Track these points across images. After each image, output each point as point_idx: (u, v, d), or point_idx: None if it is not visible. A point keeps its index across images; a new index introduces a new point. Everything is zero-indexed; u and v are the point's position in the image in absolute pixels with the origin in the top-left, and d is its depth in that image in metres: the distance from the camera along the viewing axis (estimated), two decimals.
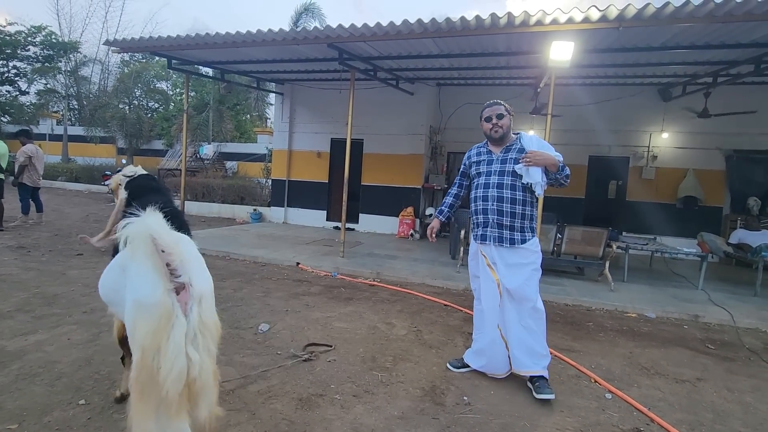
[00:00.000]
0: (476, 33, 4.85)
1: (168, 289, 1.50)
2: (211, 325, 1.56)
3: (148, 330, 1.47)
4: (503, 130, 2.72)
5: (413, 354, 3.16)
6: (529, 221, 2.71)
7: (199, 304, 1.54)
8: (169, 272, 1.52)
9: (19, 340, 2.95)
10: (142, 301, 1.50)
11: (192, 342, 1.49)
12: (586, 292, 5.15)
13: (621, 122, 8.86)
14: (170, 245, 1.51)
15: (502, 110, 2.72)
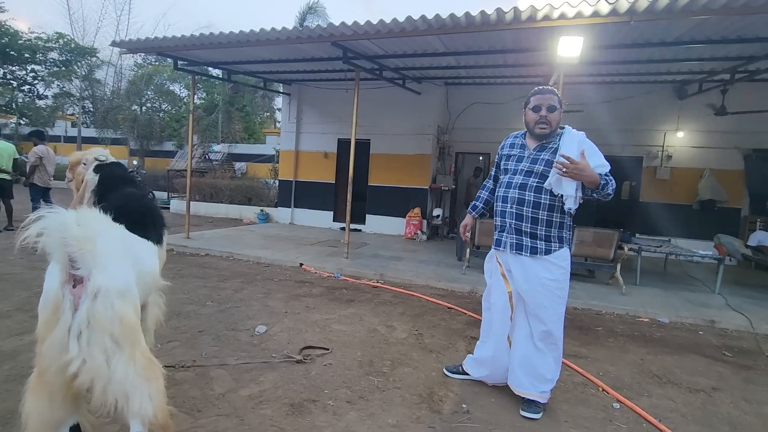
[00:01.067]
0: (482, 29, 4.73)
1: (63, 281, 1.52)
2: (107, 320, 1.51)
3: (41, 319, 1.53)
4: (551, 127, 2.30)
5: (412, 358, 3.05)
6: (558, 229, 2.32)
7: (93, 299, 1.52)
8: (70, 264, 1.51)
9: (15, 340, 2.93)
10: (44, 290, 1.54)
11: (77, 338, 1.49)
12: (597, 296, 4.98)
13: (634, 121, 8.63)
14: (76, 238, 1.48)
15: (555, 101, 2.29)
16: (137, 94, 16.20)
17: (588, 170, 2.12)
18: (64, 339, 1.46)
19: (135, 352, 1.56)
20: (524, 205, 2.34)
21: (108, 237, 1.62)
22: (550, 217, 2.32)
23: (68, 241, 1.46)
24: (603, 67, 6.98)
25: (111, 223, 1.73)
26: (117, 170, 2.48)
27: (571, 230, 2.42)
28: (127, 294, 1.59)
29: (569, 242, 2.39)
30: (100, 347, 1.48)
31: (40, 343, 1.51)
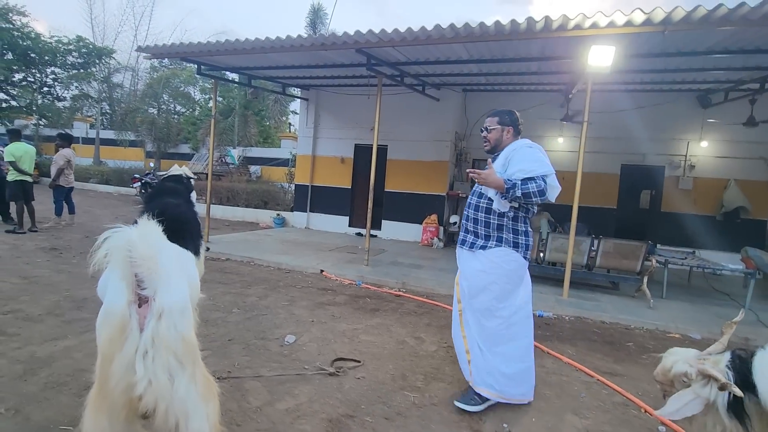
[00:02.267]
0: (510, 38, 4.69)
1: (130, 300, 1.50)
2: (171, 340, 1.50)
3: (106, 337, 1.51)
4: (490, 144, 2.69)
5: (445, 373, 3.00)
6: (497, 230, 2.54)
7: (158, 319, 1.51)
8: (137, 284, 1.50)
9: (49, 346, 2.94)
10: (106, 308, 1.52)
11: (143, 358, 1.47)
12: (624, 309, 4.88)
13: (656, 130, 8.51)
14: (143, 257, 1.47)
15: (492, 123, 2.67)
16: (154, 96, 16.41)
17: (490, 178, 2.41)
18: (131, 359, 1.45)
19: (196, 371, 1.54)
20: (470, 209, 2.68)
21: (167, 253, 1.60)
22: (487, 219, 2.57)
23: (136, 261, 1.45)
24: (628, 76, 6.89)
25: (164, 237, 1.72)
26: (165, 182, 2.49)
27: (516, 233, 2.56)
28: (186, 311, 1.58)
29: (513, 244, 2.54)
30: (164, 367, 1.46)
31: (105, 362, 1.48)
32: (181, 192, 2.54)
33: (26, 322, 3.31)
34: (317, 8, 14.41)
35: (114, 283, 1.51)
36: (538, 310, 4.73)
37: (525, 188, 2.36)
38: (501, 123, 2.64)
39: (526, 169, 2.40)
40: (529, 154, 2.48)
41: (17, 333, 3.10)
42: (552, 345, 3.70)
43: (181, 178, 3.00)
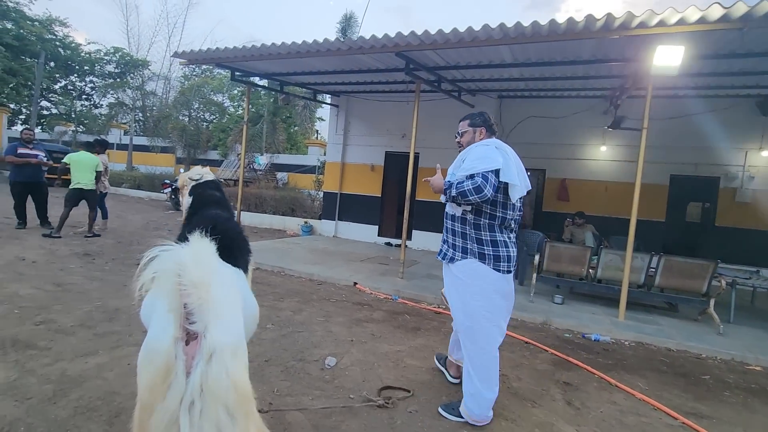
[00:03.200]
0: (563, 38, 4.36)
1: (177, 336, 1.24)
2: (222, 389, 1.22)
3: (146, 383, 1.25)
4: (464, 147, 2.58)
5: (506, 408, 2.67)
6: (462, 239, 2.47)
7: (208, 361, 1.23)
8: (185, 316, 1.24)
9: (80, 362, 2.76)
10: (149, 345, 1.28)
11: (188, 410, 1.19)
12: (690, 335, 4.41)
13: (710, 138, 7.91)
14: (194, 283, 1.22)
15: (463, 127, 2.64)
16: (186, 104, 16.71)
17: (435, 182, 2.39)
18: (175, 411, 1.18)
19: (249, 426, 1.27)
20: (447, 218, 2.62)
21: (222, 279, 1.36)
22: (454, 227, 2.52)
23: (186, 288, 1.21)
24: (684, 79, 6.39)
25: (218, 258, 1.48)
26: (209, 190, 2.28)
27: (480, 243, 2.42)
28: (239, 351, 1.31)
29: (478, 255, 2.41)
30: (212, 422, 1.19)
31: (143, 412, 1.23)
32: (225, 201, 2.33)
33: (58, 335, 3.17)
34: (349, 16, 14.41)
35: (159, 315, 1.26)
36: (593, 333, 4.33)
37: (460, 186, 2.26)
38: (472, 125, 2.60)
39: (468, 167, 2.33)
40: (478, 152, 2.36)
41: (48, 347, 2.95)
42: (618, 376, 3.31)
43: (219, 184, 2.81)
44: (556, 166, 9.33)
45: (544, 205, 9.49)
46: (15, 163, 6.96)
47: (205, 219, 1.94)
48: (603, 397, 2.94)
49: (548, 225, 8.55)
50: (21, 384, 2.43)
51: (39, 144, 7.46)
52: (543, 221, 9.30)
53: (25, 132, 7.31)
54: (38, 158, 7.04)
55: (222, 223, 1.90)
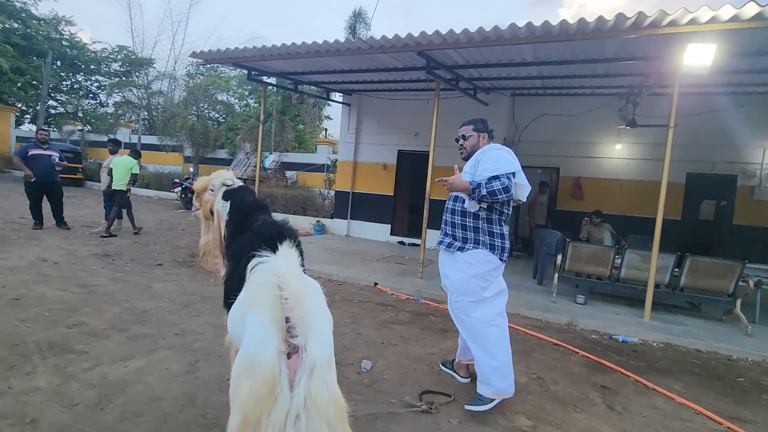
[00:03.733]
0: (591, 36, 4.31)
1: (280, 350, 1.23)
2: (324, 403, 1.23)
3: (251, 395, 1.23)
4: (467, 151, 2.78)
5: (548, 412, 2.64)
6: (473, 233, 2.66)
7: (310, 375, 1.24)
8: (287, 329, 1.24)
9: (119, 367, 2.76)
10: (251, 357, 1.26)
11: (294, 424, 1.19)
12: (719, 336, 4.37)
13: (727, 136, 7.84)
14: (296, 296, 1.21)
15: (468, 131, 2.78)
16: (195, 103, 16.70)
17: (457, 182, 2.53)
18: (282, 424, 1.18)
19: None
20: (448, 212, 2.81)
21: (312, 290, 1.35)
22: (463, 222, 2.69)
23: (290, 301, 1.20)
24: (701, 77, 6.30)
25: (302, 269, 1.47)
26: (248, 195, 2.25)
27: (492, 235, 2.65)
28: (333, 364, 1.32)
29: (489, 246, 2.64)
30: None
31: (247, 424, 1.20)
32: (266, 205, 2.30)
33: (92, 338, 3.17)
34: (358, 12, 14.31)
35: (260, 327, 1.25)
36: (620, 334, 4.30)
37: (489, 186, 2.45)
38: (477, 130, 2.77)
39: (491, 168, 2.49)
40: (496, 155, 2.56)
41: (85, 350, 2.94)
42: (653, 379, 3.28)
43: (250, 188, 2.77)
44: (570, 165, 9.27)
45: (559, 204, 9.45)
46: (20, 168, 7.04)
47: (269, 227, 1.92)
48: (643, 401, 2.91)
49: (563, 224, 8.49)
50: (65, 389, 2.43)
51: (52, 144, 7.46)
52: (557, 220, 9.26)
53: (40, 132, 7.32)
54: (52, 159, 7.05)
55: (288, 230, 1.88)
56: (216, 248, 2.28)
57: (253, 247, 1.87)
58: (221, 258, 2.31)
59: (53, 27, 22.10)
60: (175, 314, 3.85)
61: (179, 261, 6.11)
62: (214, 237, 2.27)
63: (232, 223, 2.14)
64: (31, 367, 2.64)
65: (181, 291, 4.58)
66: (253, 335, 1.26)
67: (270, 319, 1.22)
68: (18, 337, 3.05)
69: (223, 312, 1.96)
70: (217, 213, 2.23)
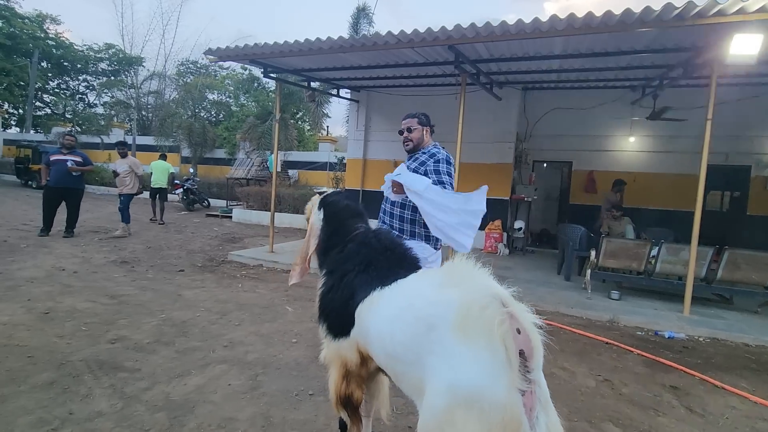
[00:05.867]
0: (632, 28, 4.20)
1: (517, 387, 1.09)
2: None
3: None
4: (413, 143, 2.78)
5: (631, 417, 2.56)
6: (409, 224, 2.68)
7: (545, 411, 1.12)
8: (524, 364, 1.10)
9: (178, 385, 2.59)
10: (480, 394, 1.10)
11: None
12: (761, 329, 4.35)
13: (741, 127, 7.86)
14: (529, 328, 1.10)
15: (413, 124, 2.76)
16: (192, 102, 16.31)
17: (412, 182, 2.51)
18: None
19: None
20: (387, 203, 2.79)
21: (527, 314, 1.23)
22: (402, 214, 2.69)
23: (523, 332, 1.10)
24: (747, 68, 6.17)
25: None
26: (342, 201, 2.11)
27: (425, 226, 2.63)
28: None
29: (424, 237, 2.67)
30: None
31: None
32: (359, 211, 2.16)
33: (139, 353, 2.99)
34: (362, 8, 14.06)
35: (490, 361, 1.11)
36: (666, 330, 4.25)
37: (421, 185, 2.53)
38: (421, 124, 2.77)
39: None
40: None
41: (137, 368, 2.77)
42: (718, 377, 3.22)
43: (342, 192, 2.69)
44: (582, 158, 9.24)
45: (572, 198, 9.42)
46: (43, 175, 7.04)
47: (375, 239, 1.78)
48: (719, 401, 2.85)
49: (575, 218, 8.46)
50: (131, 413, 2.26)
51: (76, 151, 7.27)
52: (570, 214, 9.23)
53: (66, 138, 7.27)
54: (68, 164, 6.80)
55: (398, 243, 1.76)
56: (299, 257, 2.15)
57: (362, 261, 1.75)
58: (301, 268, 2.18)
59: (38, 25, 21.42)
60: (216, 324, 3.69)
61: (200, 266, 5.91)
62: (302, 248, 2.14)
63: (325, 231, 2.00)
64: (86, 389, 2.47)
65: (213, 299, 4.40)
66: (475, 368, 1.13)
67: (502, 352, 1.09)
68: (62, 355, 2.86)
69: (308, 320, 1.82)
70: (311, 227, 2.09)
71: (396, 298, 1.52)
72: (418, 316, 1.34)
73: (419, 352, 1.28)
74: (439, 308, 1.28)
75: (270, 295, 4.68)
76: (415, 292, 1.48)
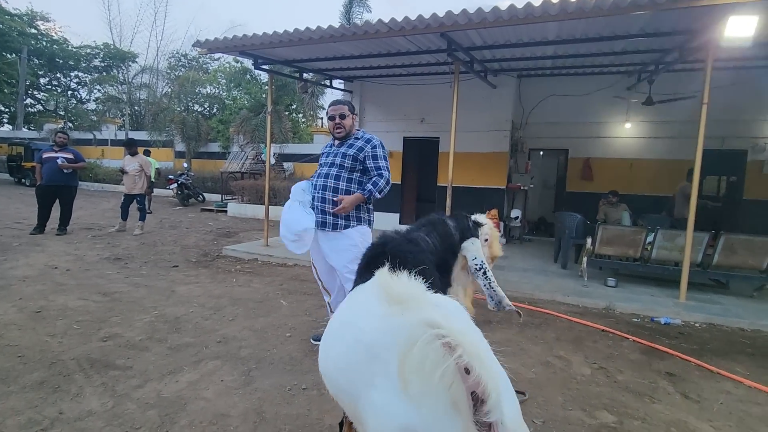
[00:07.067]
0: (625, 11, 4.12)
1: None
2: None
3: None
4: (345, 130, 2.86)
5: (625, 405, 2.55)
6: (355, 210, 2.83)
7: None
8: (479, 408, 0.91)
9: (170, 382, 2.57)
10: None
11: None
12: (757, 313, 4.35)
13: (736, 111, 7.80)
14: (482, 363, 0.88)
15: (345, 110, 2.85)
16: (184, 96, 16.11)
17: (351, 202, 2.79)
18: None
19: None
20: (327, 191, 2.84)
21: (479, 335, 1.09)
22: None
23: (472, 365, 0.88)
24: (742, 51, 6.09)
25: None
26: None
27: (369, 212, 2.97)
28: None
29: (367, 222, 2.94)
30: None
31: None
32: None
33: (131, 351, 2.97)
34: None
35: (428, 405, 0.93)
36: (662, 317, 4.25)
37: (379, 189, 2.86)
38: (351, 111, 2.89)
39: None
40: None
41: (128, 366, 2.75)
42: (713, 362, 3.22)
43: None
44: (578, 146, 9.19)
45: (568, 186, 9.39)
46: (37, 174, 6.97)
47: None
48: (714, 386, 2.85)
49: (572, 206, 8.43)
50: (122, 411, 2.24)
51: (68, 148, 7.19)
52: (567, 202, 9.21)
53: (59, 136, 7.18)
54: (59, 161, 6.72)
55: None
56: None
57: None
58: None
59: (28, 22, 21.07)
60: (210, 320, 3.66)
61: (194, 261, 5.87)
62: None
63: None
64: (77, 388, 2.44)
65: (207, 294, 4.37)
66: (422, 413, 0.95)
67: (451, 400, 0.91)
68: (53, 354, 2.83)
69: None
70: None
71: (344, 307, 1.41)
72: (362, 337, 1.16)
73: (357, 382, 1.12)
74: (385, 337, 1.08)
75: (265, 290, 4.66)
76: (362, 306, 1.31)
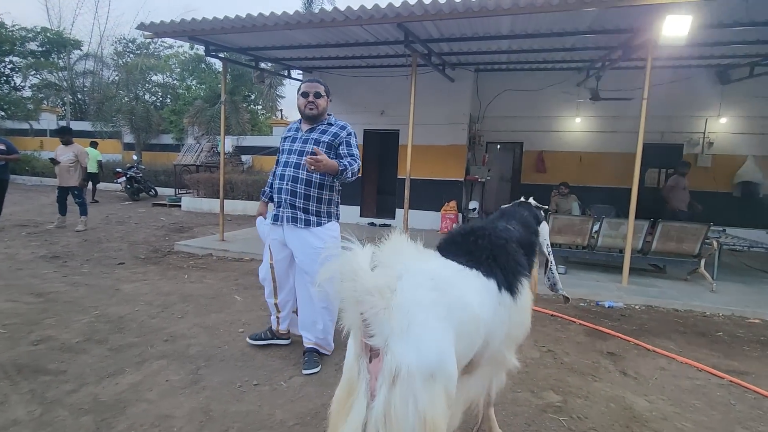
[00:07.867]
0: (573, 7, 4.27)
1: (357, 353, 1.14)
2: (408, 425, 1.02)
3: (335, 398, 1.20)
4: (318, 110, 2.68)
5: (571, 384, 2.67)
6: (327, 205, 2.69)
7: (391, 385, 1.04)
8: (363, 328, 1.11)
9: (110, 385, 2.42)
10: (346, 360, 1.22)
11: None
12: (690, 295, 4.70)
13: (673, 107, 8.35)
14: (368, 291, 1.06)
15: (321, 89, 2.69)
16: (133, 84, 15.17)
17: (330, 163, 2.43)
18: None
19: None
20: (298, 183, 2.61)
21: (414, 280, 1.16)
22: (320, 195, 2.63)
23: (359, 296, 1.05)
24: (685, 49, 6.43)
25: (423, 255, 1.32)
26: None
27: (337, 206, 2.81)
28: (439, 376, 1.07)
29: (336, 217, 2.79)
30: None
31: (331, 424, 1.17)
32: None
33: (66, 354, 2.77)
34: None
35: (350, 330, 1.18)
36: (606, 300, 4.49)
37: (353, 170, 2.60)
38: (327, 93, 2.73)
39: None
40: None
41: (62, 370, 2.56)
42: (650, 341, 3.44)
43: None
44: (533, 139, 9.50)
45: (523, 178, 9.71)
46: None
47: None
48: (649, 363, 3.04)
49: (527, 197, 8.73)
50: (51, 419, 2.08)
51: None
52: (521, 193, 9.52)
53: None
54: None
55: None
56: None
57: None
58: None
59: None
60: (157, 318, 3.48)
61: (142, 258, 5.57)
62: None
63: None
64: (2, 396, 2.24)
65: (156, 291, 4.16)
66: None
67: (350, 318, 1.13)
68: None
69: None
70: None
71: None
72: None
73: None
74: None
75: (218, 285, 4.49)
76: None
